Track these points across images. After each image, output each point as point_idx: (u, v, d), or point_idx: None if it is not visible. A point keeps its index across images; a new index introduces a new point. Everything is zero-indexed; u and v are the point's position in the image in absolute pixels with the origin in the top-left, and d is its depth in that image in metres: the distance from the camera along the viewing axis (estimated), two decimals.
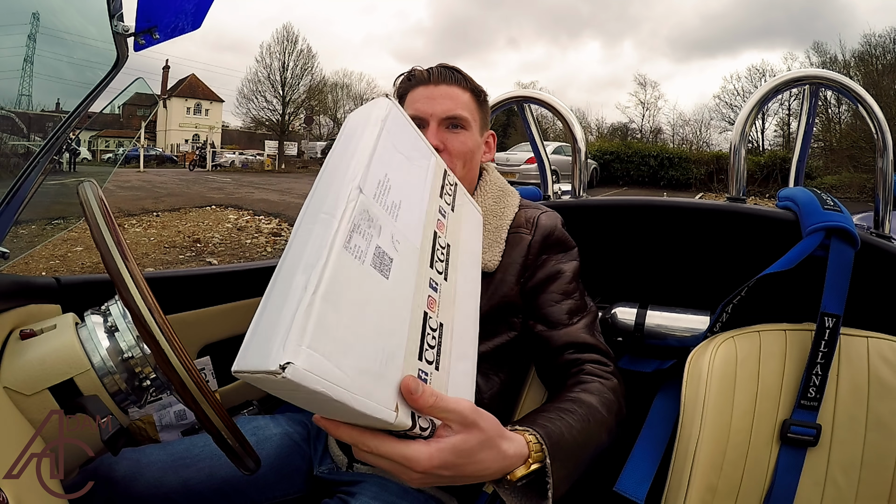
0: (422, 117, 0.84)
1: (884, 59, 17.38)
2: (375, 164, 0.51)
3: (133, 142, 18.84)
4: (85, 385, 0.62)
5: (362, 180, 0.48)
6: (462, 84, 0.87)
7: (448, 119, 0.84)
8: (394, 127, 0.58)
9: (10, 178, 0.77)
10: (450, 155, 0.82)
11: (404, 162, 0.57)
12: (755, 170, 14.45)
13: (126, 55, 0.75)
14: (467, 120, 0.85)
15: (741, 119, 1.15)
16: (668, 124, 27.01)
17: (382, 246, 0.47)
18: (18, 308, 0.73)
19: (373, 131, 0.54)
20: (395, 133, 0.57)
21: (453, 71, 0.88)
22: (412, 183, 0.57)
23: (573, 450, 0.60)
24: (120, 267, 0.54)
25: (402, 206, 0.53)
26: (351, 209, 0.45)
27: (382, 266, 0.46)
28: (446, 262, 0.57)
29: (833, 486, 0.71)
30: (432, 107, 0.84)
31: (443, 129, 0.84)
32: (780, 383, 0.74)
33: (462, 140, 0.84)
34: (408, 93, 0.87)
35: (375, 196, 0.49)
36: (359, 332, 0.41)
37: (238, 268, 1.13)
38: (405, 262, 0.49)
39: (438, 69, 0.87)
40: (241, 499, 0.79)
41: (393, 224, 0.50)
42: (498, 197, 0.88)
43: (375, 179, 0.50)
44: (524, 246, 0.83)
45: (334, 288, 0.40)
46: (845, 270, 0.73)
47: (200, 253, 5.13)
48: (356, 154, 0.51)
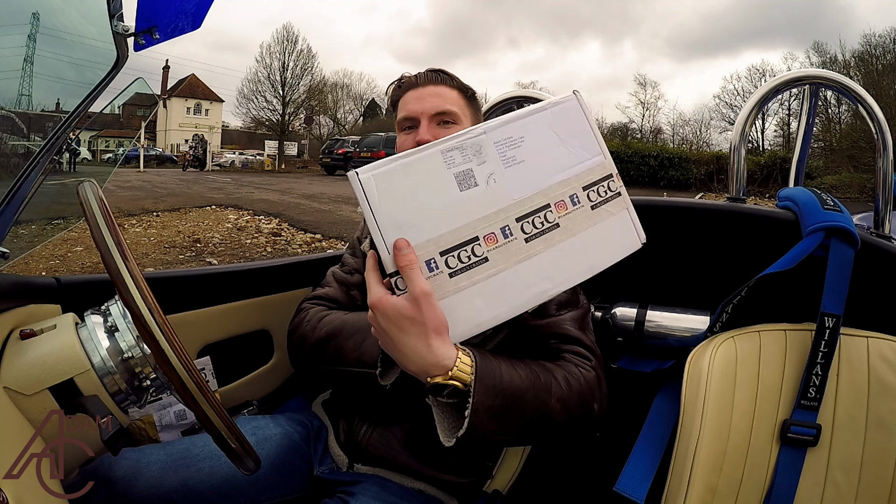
0: (413, 117, 0.87)
1: (884, 59, 17.39)
2: (516, 125, 0.61)
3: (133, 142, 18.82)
4: (85, 385, 0.62)
5: (492, 128, 0.59)
6: (448, 83, 0.90)
7: (438, 115, 0.87)
8: (562, 113, 0.64)
9: (10, 178, 0.77)
10: None
11: (555, 141, 0.63)
12: (755, 170, 14.47)
13: (126, 55, 0.75)
14: (457, 114, 0.88)
15: (741, 119, 1.15)
16: (668, 124, 27.09)
17: (475, 172, 0.58)
18: (18, 308, 0.73)
19: (536, 107, 0.63)
20: (560, 117, 0.64)
21: (439, 72, 0.92)
22: (552, 158, 0.63)
23: (505, 391, 0.62)
24: (120, 267, 0.54)
25: (521, 164, 0.60)
26: (465, 136, 0.58)
27: (463, 183, 0.57)
28: (541, 232, 0.61)
29: (833, 486, 0.71)
30: (422, 105, 0.87)
31: (434, 125, 0.87)
32: (780, 383, 0.74)
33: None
34: (399, 99, 0.91)
35: (497, 144, 0.59)
36: (409, 200, 0.55)
37: (238, 268, 1.13)
38: (487, 196, 0.58)
39: (426, 72, 0.91)
40: (241, 499, 0.79)
41: (500, 168, 0.59)
42: None
43: (507, 134, 0.60)
44: None
45: (414, 166, 0.56)
46: (845, 270, 0.73)
47: (200, 253, 5.13)
48: (508, 115, 0.62)
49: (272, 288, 1.15)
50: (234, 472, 0.69)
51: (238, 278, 1.11)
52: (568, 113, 0.65)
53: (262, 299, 1.13)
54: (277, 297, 1.15)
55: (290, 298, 1.17)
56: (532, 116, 0.62)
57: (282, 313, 1.16)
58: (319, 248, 5.59)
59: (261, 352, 1.16)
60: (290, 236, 6.11)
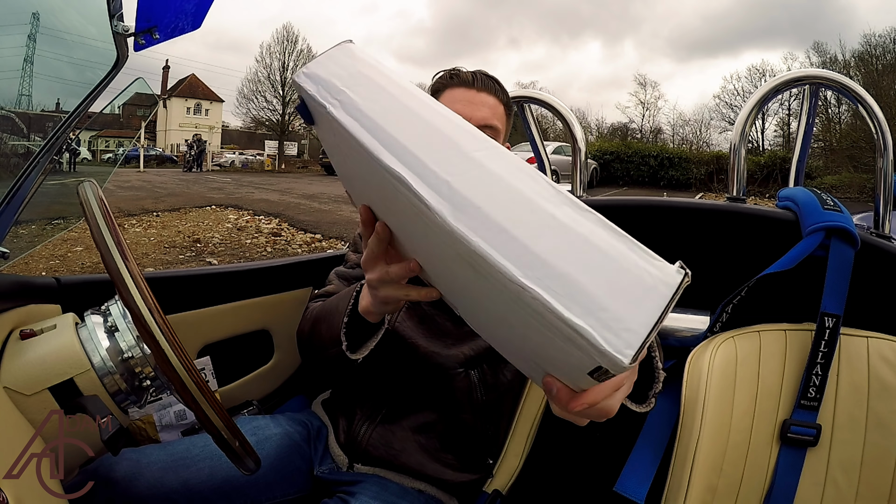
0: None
1: (884, 59, 17.39)
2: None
3: (133, 142, 18.81)
4: (85, 385, 0.62)
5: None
6: (500, 96, 0.88)
7: (483, 127, 0.84)
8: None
9: (10, 178, 0.77)
10: None
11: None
12: (755, 170, 14.46)
13: (126, 55, 0.75)
14: (499, 131, 0.87)
15: (741, 119, 1.15)
16: (668, 124, 27.09)
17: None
18: (18, 308, 0.73)
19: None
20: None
21: (495, 81, 0.89)
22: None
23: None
24: (120, 267, 0.53)
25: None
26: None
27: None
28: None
29: (833, 487, 0.71)
30: (472, 111, 0.85)
31: None
32: (780, 383, 0.74)
33: None
34: (445, 89, 0.88)
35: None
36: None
37: (238, 268, 1.13)
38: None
39: (482, 76, 0.88)
40: (242, 499, 0.79)
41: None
42: None
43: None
44: None
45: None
46: (845, 270, 0.73)
47: (200, 253, 5.13)
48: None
49: (272, 288, 1.15)
50: (235, 472, 0.69)
51: (238, 278, 1.11)
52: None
53: (262, 299, 1.13)
54: (277, 297, 1.15)
55: (290, 298, 1.17)
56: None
57: (282, 313, 1.16)
58: (319, 248, 5.59)
59: (261, 352, 1.16)
60: (290, 236, 6.11)
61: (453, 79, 0.88)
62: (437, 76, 0.91)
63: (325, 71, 0.47)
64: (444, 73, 0.90)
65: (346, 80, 0.47)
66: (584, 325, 0.34)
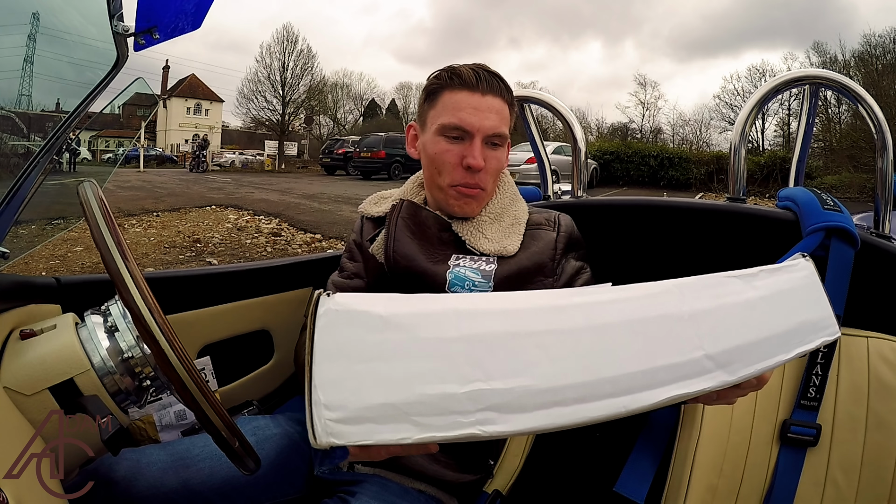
0: (467, 129, 0.80)
1: (884, 59, 17.38)
2: None
3: (133, 142, 18.81)
4: (85, 385, 0.62)
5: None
6: (505, 96, 0.83)
7: (492, 136, 0.81)
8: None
9: (10, 178, 0.77)
10: (487, 173, 0.83)
11: None
12: (755, 170, 14.45)
13: (126, 55, 0.75)
14: (506, 137, 0.83)
15: (741, 119, 1.15)
16: (668, 124, 27.08)
17: None
18: (18, 308, 0.73)
19: None
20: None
21: (499, 80, 0.83)
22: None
23: None
24: (120, 267, 0.53)
25: None
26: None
27: None
28: None
29: (833, 487, 0.71)
30: (480, 121, 0.80)
31: (486, 146, 0.82)
32: (780, 383, 0.74)
33: (500, 158, 0.84)
34: (444, 91, 0.82)
35: None
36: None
37: (238, 268, 1.13)
38: None
39: (486, 76, 0.82)
40: (242, 499, 0.79)
41: None
42: (513, 199, 0.92)
43: None
44: (550, 241, 0.86)
45: None
46: (845, 270, 0.73)
47: (200, 253, 5.12)
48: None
49: (272, 288, 1.15)
50: (235, 472, 0.69)
51: (238, 278, 1.11)
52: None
53: (262, 299, 1.13)
54: (277, 297, 1.15)
55: (290, 298, 1.17)
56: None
57: (282, 313, 1.16)
58: (319, 248, 5.59)
59: (261, 352, 1.17)
60: (290, 236, 6.11)
61: (454, 80, 0.81)
62: (434, 76, 0.85)
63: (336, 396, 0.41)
64: (441, 72, 0.84)
65: (350, 392, 0.40)
66: None
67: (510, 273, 0.82)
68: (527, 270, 0.82)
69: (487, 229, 0.86)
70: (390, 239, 0.86)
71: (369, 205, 0.98)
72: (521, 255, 0.84)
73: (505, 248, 0.83)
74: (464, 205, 0.85)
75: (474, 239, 0.85)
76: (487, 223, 0.87)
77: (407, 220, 0.88)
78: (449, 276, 0.82)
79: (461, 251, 0.85)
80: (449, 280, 0.81)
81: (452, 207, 0.86)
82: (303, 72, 26.95)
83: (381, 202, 0.97)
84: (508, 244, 0.84)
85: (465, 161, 0.80)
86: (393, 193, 0.98)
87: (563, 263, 0.86)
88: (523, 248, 0.85)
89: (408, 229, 0.87)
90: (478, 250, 0.84)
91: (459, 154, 0.81)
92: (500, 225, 0.87)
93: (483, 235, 0.85)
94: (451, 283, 0.81)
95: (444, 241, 0.86)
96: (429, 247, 0.85)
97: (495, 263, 0.82)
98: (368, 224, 0.96)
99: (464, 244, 0.85)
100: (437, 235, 0.87)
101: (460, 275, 0.82)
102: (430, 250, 0.85)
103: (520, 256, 0.83)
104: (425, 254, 0.84)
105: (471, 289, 0.80)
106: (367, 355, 0.41)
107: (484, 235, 0.85)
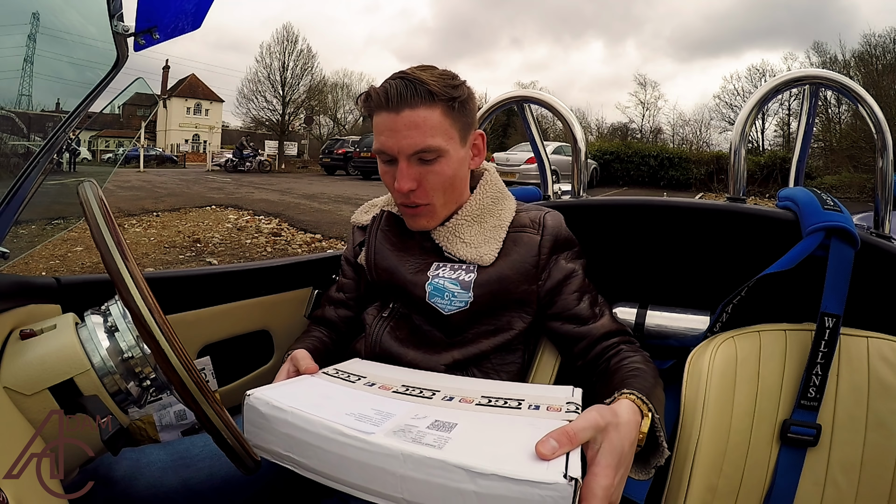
0: (388, 153, 0.78)
1: (884, 59, 17.38)
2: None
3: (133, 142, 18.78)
4: (85, 385, 0.62)
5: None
6: (427, 100, 0.74)
7: (417, 153, 0.76)
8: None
9: (10, 178, 0.77)
10: (425, 190, 0.79)
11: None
12: (755, 170, 14.44)
13: (126, 55, 0.75)
14: (440, 148, 0.76)
15: (741, 119, 1.15)
16: (668, 124, 27.06)
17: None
18: (18, 308, 0.73)
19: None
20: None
21: (414, 84, 0.74)
22: None
23: (658, 395, 0.66)
24: (120, 267, 0.53)
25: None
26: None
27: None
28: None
29: (833, 487, 0.71)
30: (397, 142, 0.75)
31: (414, 163, 0.77)
32: (780, 383, 0.74)
33: (438, 171, 0.78)
34: (372, 115, 0.79)
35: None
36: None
37: (238, 268, 1.13)
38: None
39: (397, 86, 0.74)
40: (241, 498, 0.79)
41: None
42: (496, 198, 0.89)
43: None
44: (533, 245, 0.83)
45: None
46: (845, 270, 0.73)
47: (200, 253, 5.12)
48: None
49: (272, 288, 1.15)
50: (235, 472, 0.69)
51: (238, 278, 1.11)
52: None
53: (262, 299, 1.13)
54: (277, 297, 1.15)
55: (290, 298, 1.17)
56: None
57: (282, 313, 1.16)
58: (319, 248, 5.59)
59: (261, 352, 1.16)
60: (290, 236, 6.11)
61: (368, 101, 0.78)
62: (360, 100, 0.81)
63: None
64: (362, 95, 0.80)
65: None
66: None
67: (490, 281, 0.80)
68: (507, 279, 0.81)
69: (465, 232, 0.84)
70: (371, 252, 0.88)
71: (360, 214, 0.99)
72: (500, 262, 0.81)
73: (481, 257, 0.81)
74: (413, 222, 0.85)
75: (451, 245, 0.83)
76: (465, 225, 0.84)
77: (387, 232, 0.89)
78: (428, 288, 0.81)
79: (440, 259, 0.84)
80: (428, 291, 0.81)
81: (408, 224, 0.86)
82: (303, 72, 26.97)
83: (370, 210, 0.98)
84: (485, 252, 0.81)
85: (396, 187, 0.78)
86: (382, 201, 0.98)
87: (549, 267, 0.83)
88: (504, 255, 0.82)
89: (387, 241, 0.88)
90: (455, 257, 0.82)
91: (393, 176, 0.79)
92: (479, 227, 0.84)
93: (460, 240, 0.83)
94: (430, 295, 0.81)
95: (425, 250, 0.86)
96: (409, 257, 0.85)
97: (475, 272, 0.81)
98: (358, 232, 0.97)
99: (442, 251, 0.84)
100: (418, 243, 0.87)
101: (439, 286, 0.81)
102: (411, 261, 0.85)
103: (499, 265, 0.81)
104: (405, 265, 0.85)
105: (451, 299, 0.80)
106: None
107: (461, 240, 0.83)
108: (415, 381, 0.68)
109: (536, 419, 0.54)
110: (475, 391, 0.64)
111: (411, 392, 0.64)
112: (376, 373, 0.72)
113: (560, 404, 0.58)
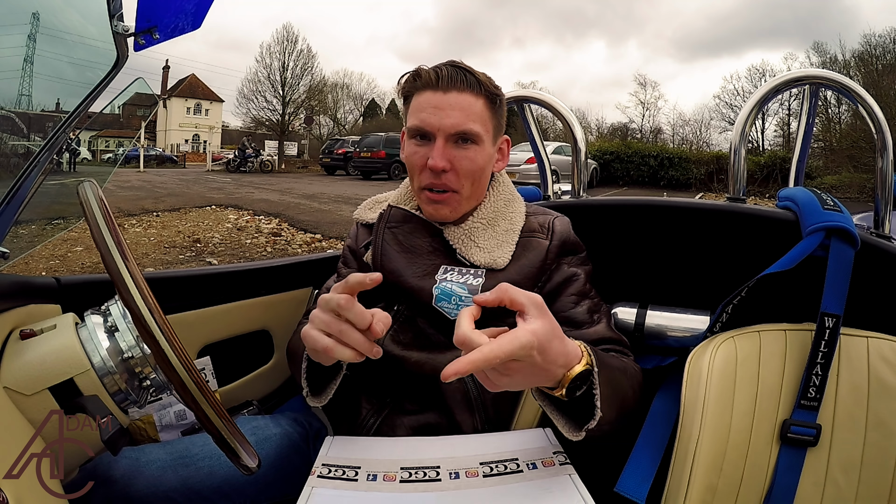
0: (427, 130, 0.78)
1: (884, 59, 17.39)
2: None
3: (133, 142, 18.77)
4: (85, 385, 0.62)
5: None
6: (475, 89, 0.77)
7: (457, 134, 0.77)
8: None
9: (10, 178, 0.77)
10: (457, 174, 0.79)
11: None
12: (755, 170, 14.45)
13: (126, 55, 0.75)
14: (479, 135, 0.78)
15: (741, 119, 1.15)
16: (668, 124, 27.08)
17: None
18: (18, 308, 0.73)
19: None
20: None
21: (465, 72, 0.78)
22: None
23: (614, 376, 0.65)
24: (120, 267, 0.54)
25: None
26: None
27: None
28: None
29: (833, 486, 0.71)
30: (440, 119, 0.76)
31: (450, 145, 0.78)
32: (781, 383, 0.74)
33: (472, 157, 0.79)
34: (413, 95, 0.80)
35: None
36: None
37: (238, 268, 1.13)
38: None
39: (448, 70, 0.77)
40: (241, 498, 0.79)
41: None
42: (509, 200, 0.89)
43: None
44: (541, 251, 0.83)
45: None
46: (845, 270, 0.73)
47: (200, 253, 5.12)
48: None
49: (272, 288, 1.15)
50: (234, 472, 0.69)
51: (238, 278, 1.11)
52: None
53: (262, 299, 1.13)
54: (277, 297, 1.15)
55: (290, 298, 1.17)
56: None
57: (282, 313, 1.16)
58: (319, 248, 5.59)
59: (261, 352, 1.17)
60: (290, 236, 6.11)
61: (416, 81, 0.79)
62: (403, 80, 0.82)
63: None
64: (408, 75, 0.81)
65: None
66: None
67: None
68: (516, 284, 0.81)
69: (479, 236, 0.83)
70: (377, 253, 0.85)
71: (364, 210, 0.97)
72: (511, 268, 0.81)
73: (495, 261, 0.81)
74: (434, 210, 0.82)
75: (465, 248, 0.82)
76: (480, 229, 0.84)
77: (394, 230, 0.86)
78: (435, 292, 0.80)
79: (451, 261, 0.83)
80: (435, 295, 0.80)
81: (427, 212, 0.84)
82: (303, 72, 26.99)
83: (375, 207, 0.96)
84: (499, 256, 0.81)
85: (428, 162, 0.78)
86: (388, 197, 0.96)
87: (552, 270, 0.83)
88: (514, 260, 0.82)
89: (395, 241, 0.85)
90: (468, 260, 0.82)
91: (425, 156, 0.78)
92: (493, 231, 0.84)
93: (474, 244, 0.83)
94: (437, 299, 0.80)
95: (433, 250, 0.84)
96: (416, 258, 0.83)
97: (483, 277, 0.80)
98: (363, 230, 0.95)
99: (454, 252, 0.83)
100: (428, 243, 0.85)
101: (447, 290, 0.80)
102: (418, 262, 0.83)
103: (509, 270, 0.81)
104: (412, 267, 0.83)
105: (458, 304, 0.79)
106: None
107: (475, 244, 0.83)
108: (409, 459, 0.68)
109: (541, 480, 0.63)
110: (471, 457, 0.68)
111: (416, 477, 0.64)
112: (366, 457, 0.70)
113: (549, 457, 0.67)
